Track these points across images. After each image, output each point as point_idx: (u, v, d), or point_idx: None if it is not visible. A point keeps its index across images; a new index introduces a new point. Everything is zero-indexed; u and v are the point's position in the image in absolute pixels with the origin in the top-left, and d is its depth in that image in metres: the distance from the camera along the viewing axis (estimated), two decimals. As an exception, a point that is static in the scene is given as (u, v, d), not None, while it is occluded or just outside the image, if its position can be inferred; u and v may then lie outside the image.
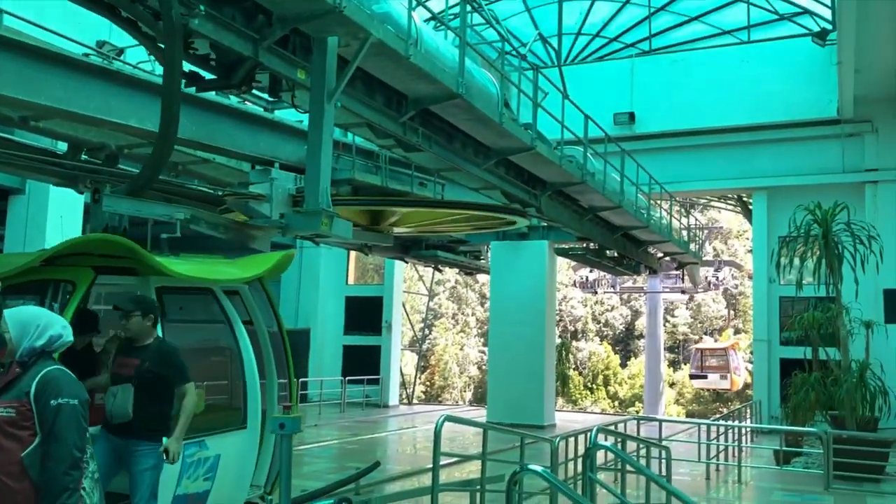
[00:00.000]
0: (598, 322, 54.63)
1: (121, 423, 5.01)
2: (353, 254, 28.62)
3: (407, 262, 25.86)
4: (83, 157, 9.93)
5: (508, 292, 23.20)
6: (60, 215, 14.38)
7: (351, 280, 29.74)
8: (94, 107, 8.61)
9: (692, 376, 38.13)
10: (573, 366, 49.21)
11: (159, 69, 7.97)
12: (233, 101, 10.31)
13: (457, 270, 32.53)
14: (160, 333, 5.23)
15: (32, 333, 3.48)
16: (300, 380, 22.41)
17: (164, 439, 4.91)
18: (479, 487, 8.59)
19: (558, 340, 37.05)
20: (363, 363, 27.44)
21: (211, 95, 9.81)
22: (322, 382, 25.05)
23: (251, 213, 7.73)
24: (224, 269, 6.19)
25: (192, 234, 6.72)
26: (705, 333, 51.93)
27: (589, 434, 7.58)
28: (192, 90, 7.45)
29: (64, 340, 3.58)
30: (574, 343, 52.46)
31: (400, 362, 30.95)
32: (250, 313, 6.20)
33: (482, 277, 41.26)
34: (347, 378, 25.54)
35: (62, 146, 10.31)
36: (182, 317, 5.67)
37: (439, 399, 49.35)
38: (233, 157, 11.11)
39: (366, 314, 28.55)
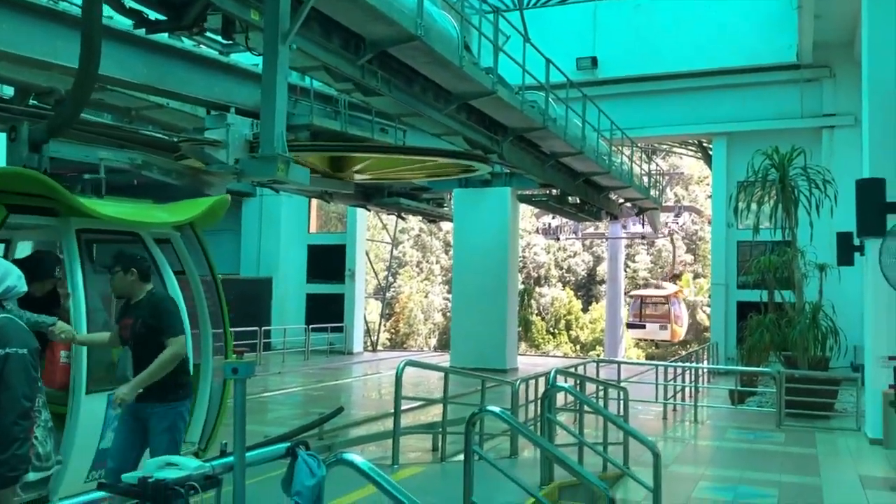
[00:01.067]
0: (561, 268, 55.22)
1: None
2: (314, 202, 28.41)
3: (370, 210, 25.71)
4: (31, 102, 9.62)
5: (472, 239, 23.29)
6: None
7: (313, 228, 29.57)
8: (39, 49, 8.32)
9: (629, 325, 35.89)
10: (536, 311, 49.83)
11: (110, 12, 7.72)
12: (187, 44, 10.03)
13: (420, 218, 32.45)
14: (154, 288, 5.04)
15: None
16: (262, 328, 22.40)
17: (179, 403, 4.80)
18: (440, 430, 8.70)
19: (521, 286, 37.42)
20: (327, 311, 27.47)
21: (164, 38, 9.53)
22: (285, 331, 25.07)
23: (206, 159, 7.60)
24: (152, 213, 5.88)
25: (148, 182, 6.60)
26: (664, 279, 52.85)
27: (548, 376, 7.70)
28: (141, 32, 7.22)
29: (18, 290, 3.53)
30: (537, 289, 53.02)
31: (364, 310, 31.07)
32: (182, 262, 5.95)
33: (446, 225, 41.29)
34: (311, 326, 25.58)
35: (7, 91, 9.97)
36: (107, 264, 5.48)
37: (404, 346, 49.73)
38: (187, 102, 10.87)
39: (329, 262, 28.47)
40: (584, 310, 52.70)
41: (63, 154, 5.61)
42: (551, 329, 51.55)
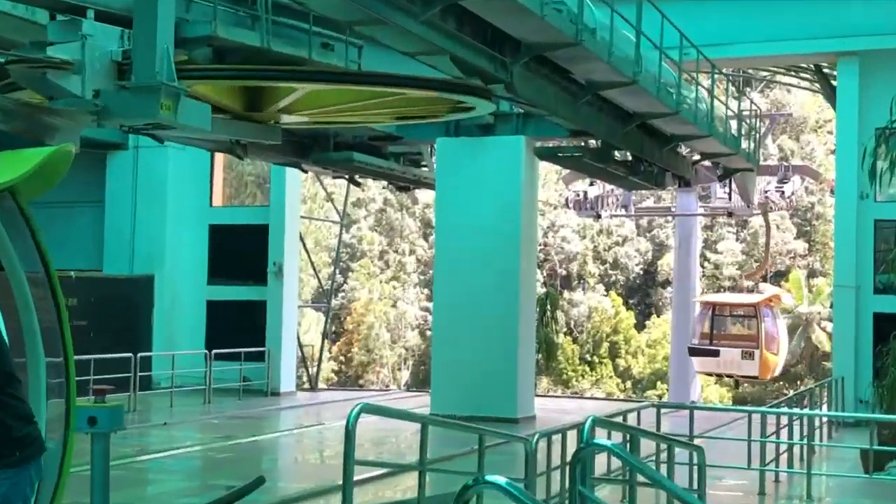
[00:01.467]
0: (603, 262, 55.51)
1: None
2: (220, 159, 28.30)
3: (306, 172, 25.67)
4: None
5: (464, 217, 23.29)
6: None
7: (218, 200, 29.48)
8: None
9: (693, 351, 34.13)
10: (564, 328, 50.05)
11: None
12: None
13: (385, 184, 32.47)
14: None
15: None
16: (138, 355, 22.34)
17: None
18: (415, 513, 8.74)
19: (541, 290, 37.42)
20: (239, 329, 27.42)
21: None
22: (174, 359, 25.00)
23: (50, 89, 7.62)
24: None
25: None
26: (763, 278, 53.15)
27: (581, 429, 7.72)
28: None
29: None
30: (566, 294, 53.28)
31: (297, 327, 30.93)
32: None
33: (425, 195, 41.36)
34: (214, 352, 25.53)
35: None
36: None
37: (360, 382, 49.89)
38: (20, 1, 10.83)
39: (242, 253, 28.38)
40: (640, 326, 53.00)
41: None
42: (588, 356, 51.82)
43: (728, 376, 35.04)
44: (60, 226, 24.78)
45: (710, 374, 37.27)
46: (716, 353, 32.46)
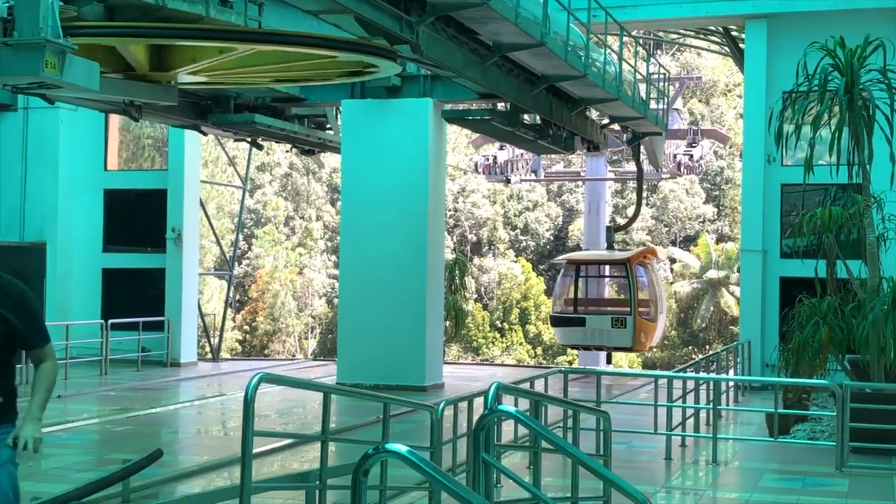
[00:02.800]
0: (513, 227, 55.84)
1: None
2: (115, 121, 27.85)
3: (205, 135, 25.34)
4: None
5: (371, 181, 23.19)
6: None
7: (113, 164, 29.03)
8: None
9: (554, 320, 30.34)
10: (474, 295, 50.34)
11: None
12: None
13: (289, 147, 32.18)
14: None
15: None
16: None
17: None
18: (317, 483, 8.70)
19: (450, 256, 37.55)
20: (137, 297, 27.17)
21: None
22: (68, 329, 24.60)
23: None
24: None
25: None
26: (672, 243, 54.03)
27: (487, 395, 7.75)
28: None
29: None
30: (476, 260, 53.52)
31: (199, 295, 30.65)
32: None
33: (332, 159, 41.06)
34: (111, 322, 25.21)
35: None
36: None
37: (266, 352, 49.69)
38: None
39: (140, 219, 28.03)
40: (550, 292, 53.45)
41: None
42: (498, 323, 52.17)
43: (597, 348, 29.81)
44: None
45: (575, 348, 32.94)
46: (580, 323, 28.02)
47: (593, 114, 24.95)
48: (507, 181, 40.78)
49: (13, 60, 7.23)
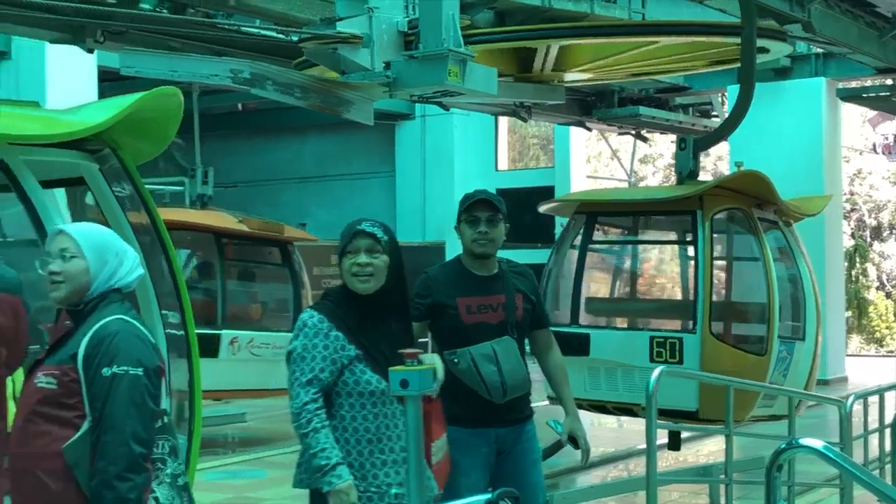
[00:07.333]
0: (915, 210, 52.79)
1: (514, 396, 5.29)
2: (503, 123, 28.57)
3: (590, 130, 25.53)
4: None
5: (760, 167, 22.43)
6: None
7: (503, 164, 29.84)
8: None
9: None
10: (874, 282, 48.00)
11: None
12: None
13: (674, 139, 31.78)
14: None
15: (112, 263, 3.58)
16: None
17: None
18: (722, 476, 8.64)
19: (848, 243, 35.95)
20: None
21: None
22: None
23: (341, 64, 7.82)
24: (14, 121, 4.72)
25: (261, 106, 6.85)
26: None
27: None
28: None
29: (140, 273, 3.71)
30: (876, 245, 51.01)
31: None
32: (101, 206, 5.14)
33: (716, 148, 40.27)
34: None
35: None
36: None
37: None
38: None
39: (529, 216, 28.67)
40: (958, 277, 50.16)
41: (141, 69, 5.98)
42: (904, 312, 49.45)
43: None
44: (358, 197, 25.91)
45: None
46: None
47: None
48: (907, 160, 39.06)
49: (418, 72, 7.51)
